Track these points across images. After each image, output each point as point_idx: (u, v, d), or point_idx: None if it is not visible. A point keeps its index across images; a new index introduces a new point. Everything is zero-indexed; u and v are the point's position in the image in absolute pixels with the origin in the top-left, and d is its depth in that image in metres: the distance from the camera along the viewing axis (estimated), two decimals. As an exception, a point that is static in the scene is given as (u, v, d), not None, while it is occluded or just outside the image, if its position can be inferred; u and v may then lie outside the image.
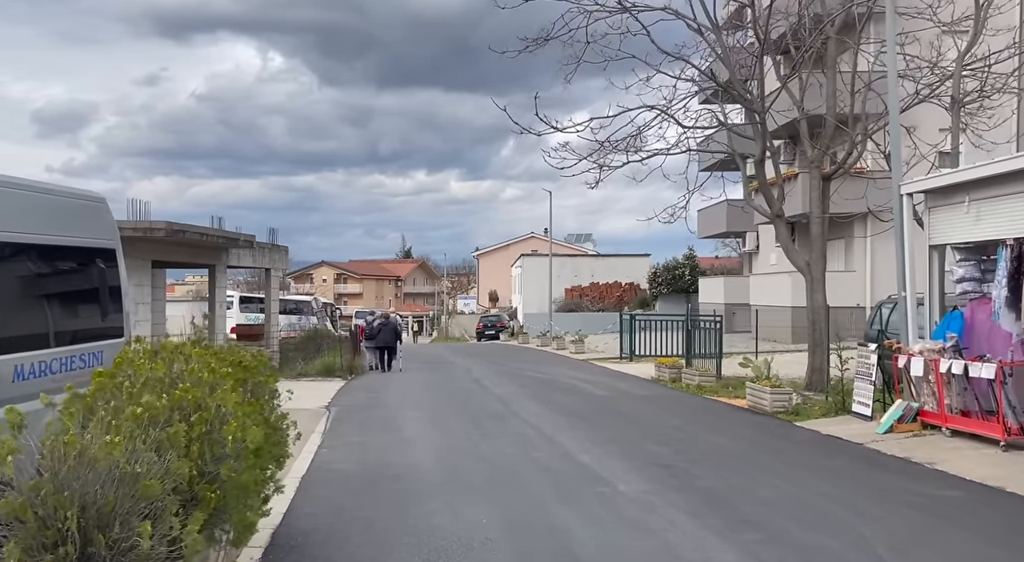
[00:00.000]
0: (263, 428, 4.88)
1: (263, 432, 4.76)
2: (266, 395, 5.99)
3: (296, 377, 19.80)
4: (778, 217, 14.62)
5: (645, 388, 16.63)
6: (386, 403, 14.76)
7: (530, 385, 17.54)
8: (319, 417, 12.64)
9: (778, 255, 32.60)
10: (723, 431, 10.92)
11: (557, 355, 28.48)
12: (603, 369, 21.77)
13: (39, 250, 6.09)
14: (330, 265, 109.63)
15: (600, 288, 50.31)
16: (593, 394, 15.69)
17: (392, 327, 24.56)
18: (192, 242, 26.35)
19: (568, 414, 12.79)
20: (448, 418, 12.53)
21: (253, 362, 5.60)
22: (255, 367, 5.53)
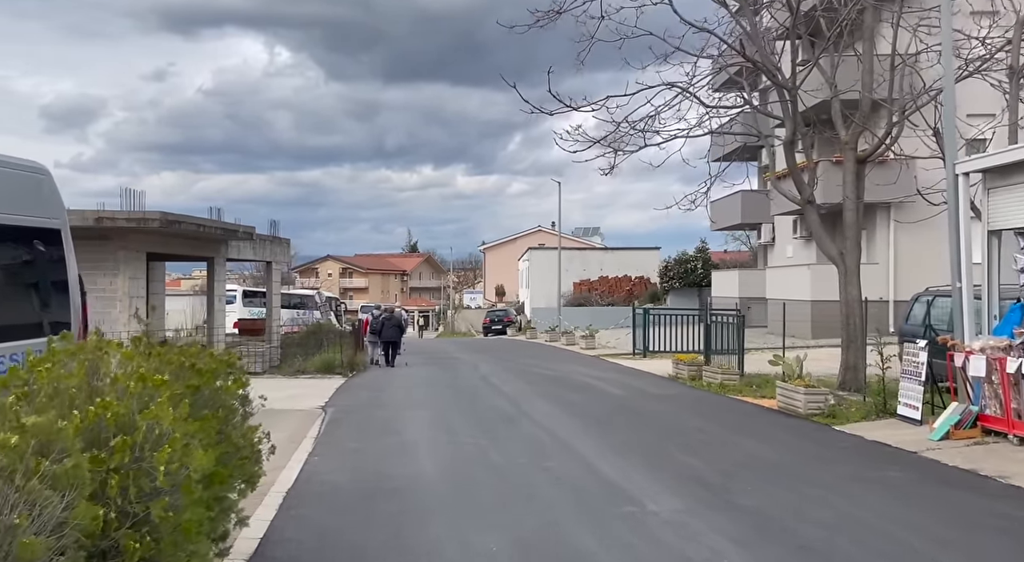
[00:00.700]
0: (218, 449, 3.90)
1: (217, 454, 3.78)
2: (234, 403, 5.01)
3: (295, 374, 18.89)
4: (809, 203, 13.58)
5: (663, 387, 15.63)
6: (387, 402, 13.80)
7: (540, 383, 16.55)
8: (314, 419, 11.68)
9: (795, 247, 31.51)
10: (756, 436, 9.90)
11: (567, 351, 27.48)
12: (616, 366, 20.77)
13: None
14: (335, 259, 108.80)
15: (609, 282, 49.22)
16: (608, 393, 14.69)
17: (396, 322, 23.79)
18: (189, 234, 25.43)
19: (582, 416, 11.80)
20: (454, 420, 11.55)
21: (211, 364, 4.61)
22: (212, 371, 4.53)
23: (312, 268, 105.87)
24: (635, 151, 15.49)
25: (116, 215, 21.69)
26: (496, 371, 19.54)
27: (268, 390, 14.40)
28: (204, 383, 4.27)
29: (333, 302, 57.43)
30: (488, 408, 12.82)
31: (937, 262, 26.07)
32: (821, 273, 26.84)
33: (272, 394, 13.83)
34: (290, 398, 14.16)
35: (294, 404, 13.39)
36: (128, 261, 22.49)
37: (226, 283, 65.77)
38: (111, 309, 22.27)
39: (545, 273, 49.43)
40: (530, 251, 53.55)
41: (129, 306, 22.26)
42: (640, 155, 15.14)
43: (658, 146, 15.24)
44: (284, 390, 15.63)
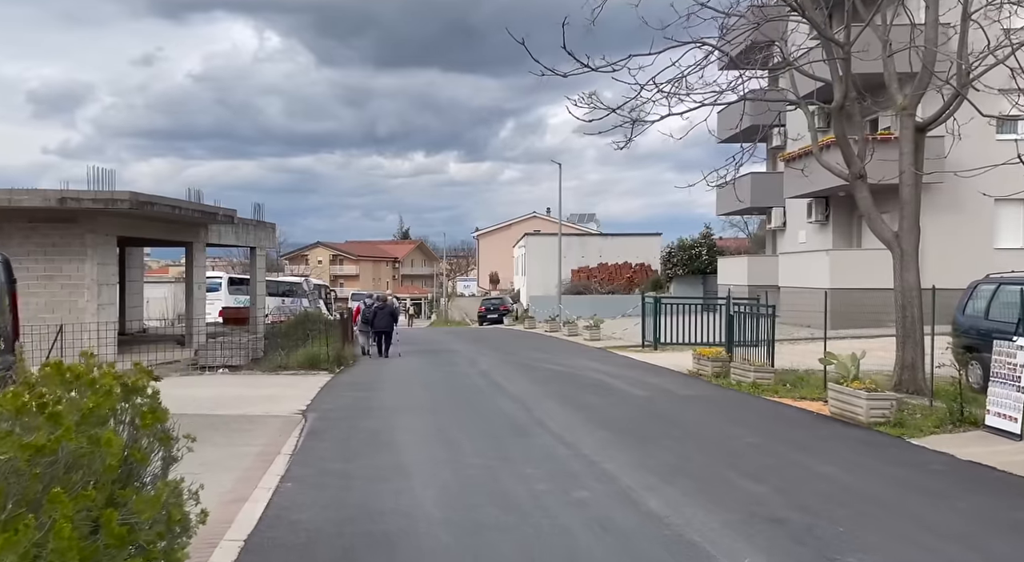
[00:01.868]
0: None
1: None
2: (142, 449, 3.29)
3: (276, 370, 17.16)
4: (859, 178, 11.87)
5: (687, 385, 13.96)
6: (378, 406, 12.07)
7: (549, 381, 14.87)
8: (291, 428, 9.95)
9: (809, 232, 29.86)
10: (822, 453, 8.24)
11: (570, 342, 25.79)
12: (627, 360, 19.09)
13: None
14: (326, 246, 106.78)
15: (609, 269, 47.51)
16: (628, 394, 13.01)
17: (389, 311, 22.37)
18: (163, 216, 23.56)
19: (606, 424, 10.11)
20: (456, 430, 9.84)
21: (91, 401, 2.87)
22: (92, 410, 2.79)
23: (302, 255, 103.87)
24: (656, 120, 13.79)
25: (82, 195, 19.80)
26: (497, 366, 17.84)
27: (244, 389, 12.55)
28: (62, 437, 2.53)
29: (323, 290, 55.64)
30: (494, 413, 11.11)
31: (966, 247, 24.54)
32: (841, 259, 25.24)
33: (248, 394, 12.01)
34: (267, 400, 12.43)
35: (271, 407, 11.66)
36: (97, 245, 20.64)
37: (211, 270, 63.80)
38: (77, 298, 20.45)
39: (542, 260, 47.69)
40: (526, 237, 51.78)
41: (98, 294, 20.48)
42: (653, 135, 13.42)
43: (681, 115, 13.53)
44: (262, 389, 13.90)
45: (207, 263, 74.39)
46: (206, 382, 15.25)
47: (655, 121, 13.77)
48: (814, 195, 27.82)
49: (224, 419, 10.53)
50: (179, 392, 13.43)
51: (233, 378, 16.04)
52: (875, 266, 24.84)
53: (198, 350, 20.90)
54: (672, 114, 13.60)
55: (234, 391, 13.54)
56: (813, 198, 28.10)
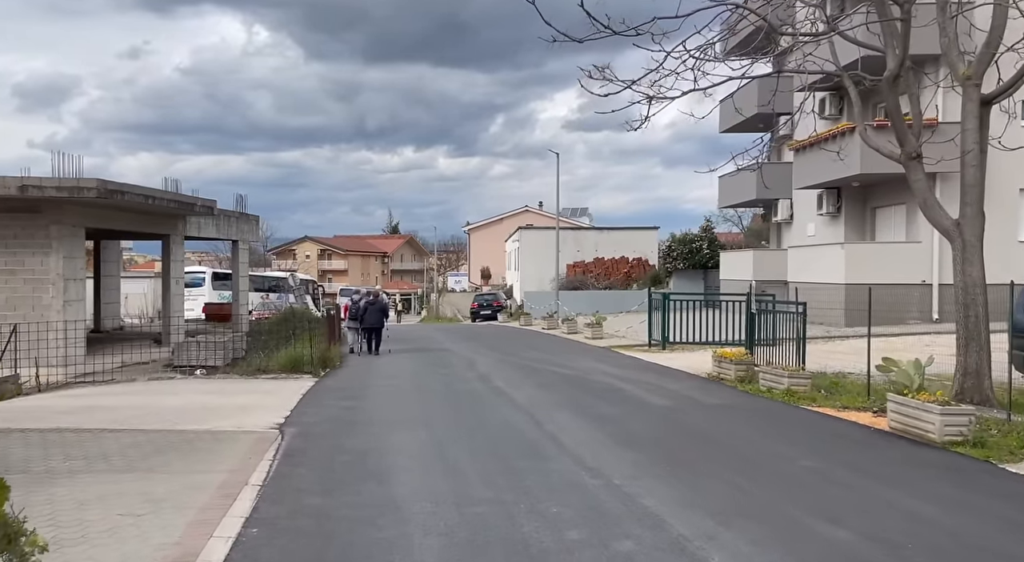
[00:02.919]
0: None
1: None
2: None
3: (254, 373, 15.67)
4: (914, 158, 10.46)
5: (711, 392, 12.56)
6: (366, 418, 10.61)
7: (556, 386, 13.45)
8: (264, 448, 8.47)
9: (818, 225, 28.54)
10: (903, 483, 6.84)
11: (571, 341, 24.38)
12: (636, 361, 17.69)
13: None
14: (313, 240, 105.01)
15: (605, 264, 46.14)
16: (647, 402, 11.60)
17: (380, 306, 21.35)
18: (136, 207, 21.96)
19: (632, 442, 8.70)
20: (458, 451, 8.40)
21: None
22: None
23: (289, 249, 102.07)
24: (677, 97, 12.37)
25: (44, 183, 18.16)
26: (497, 368, 16.41)
27: (216, 396, 10.98)
28: None
29: (310, 285, 54.08)
30: (500, 428, 9.68)
31: (988, 241, 23.21)
32: (856, 253, 23.93)
33: (220, 403, 10.46)
34: (241, 410, 10.95)
35: (243, 421, 10.18)
36: (62, 237, 19.01)
37: (194, 264, 61.83)
38: (42, 294, 18.83)
39: (537, 254, 46.28)
40: (520, 231, 50.28)
41: (64, 290, 18.91)
42: (668, 119, 11.99)
43: (704, 91, 12.13)
44: (236, 396, 12.41)
45: (191, 257, 72.65)
46: (175, 388, 13.75)
47: (676, 97, 12.38)
48: (825, 186, 26.52)
49: (187, 436, 9.05)
50: (142, 401, 11.93)
51: (206, 383, 14.53)
52: (891, 260, 23.57)
53: (174, 349, 19.43)
54: (696, 89, 12.20)
55: (204, 399, 12.05)
56: (824, 189, 26.80)
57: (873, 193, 25.87)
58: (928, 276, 23.03)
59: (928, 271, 23.01)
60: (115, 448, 8.37)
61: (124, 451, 8.25)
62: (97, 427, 9.52)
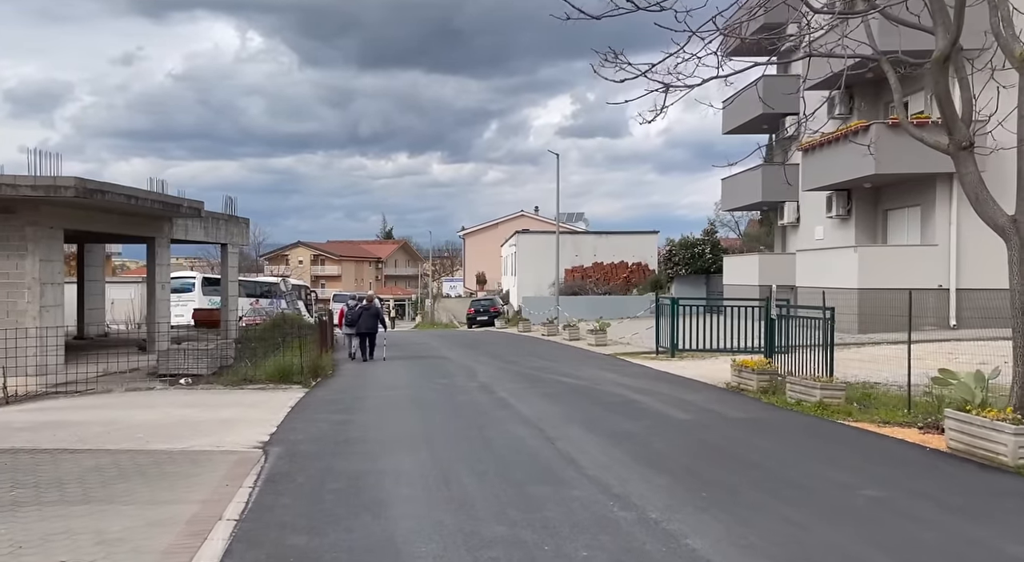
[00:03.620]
0: None
1: None
2: None
3: (240, 383, 14.64)
4: (965, 148, 9.51)
5: (734, 404, 11.59)
6: (360, 436, 9.59)
7: (564, 398, 12.47)
8: (245, 472, 7.46)
9: (827, 228, 27.65)
10: (992, 519, 5.86)
11: (574, 348, 23.40)
12: (646, 370, 16.72)
13: None
14: (307, 246, 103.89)
15: (604, 268, 45.17)
16: (668, 417, 10.62)
17: (374, 312, 20.98)
18: (118, 207, 20.92)
19: (660, 463, 7.72)
20: (464, 475, 7.39)
21: None
22: None
23: (282, 255, 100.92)
24: (697, 85, 11.43)
25: (19, 182, 17.11)
26: (499, 377, 15.42)
27: (197, 409, 9.79)
28: None
29: (303, 290, 53.03)
30: (509, 447, 8.68)
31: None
32: (870, 256, 23.02)
33: (200, 417, 9.28)
34: (223, 425, 9.92)
35: (224, 438, 9.16)
36: (39, 240, 17.93)
37: (185, 269, 60.37)
38: (17, 299, 17.74)
39: (535, 258, 45.34)
40: (517, 235, 49.30)
41: (41, 295, 17.85)
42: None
43: (726, 80, 11.20)
44: (219, 409, 11.38)
45: (183, 262, 71.02)
46: (153, 400, 12.71)
47: (696, 85, 11.44)
48: (835, 187, 25.63)
49: (157, 458, 8.03)
50: (114, 415, 10.89)
51: (187, 395, 13.49)
52: (906, 264, 22.66)
53: (159, 357, 18.41)
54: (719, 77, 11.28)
55: (183, 413, 11.02)
56: (834, 191, 25.91)
57: (885, 195, 25.01)
58: (944, 280, 22.13)
59: (944, 275, 22.11)
60: (73, 473, 7.35)
61: (83, 476, 7.23)
62: (58, 447, 8.49)
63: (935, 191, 22.28)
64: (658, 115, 11.37)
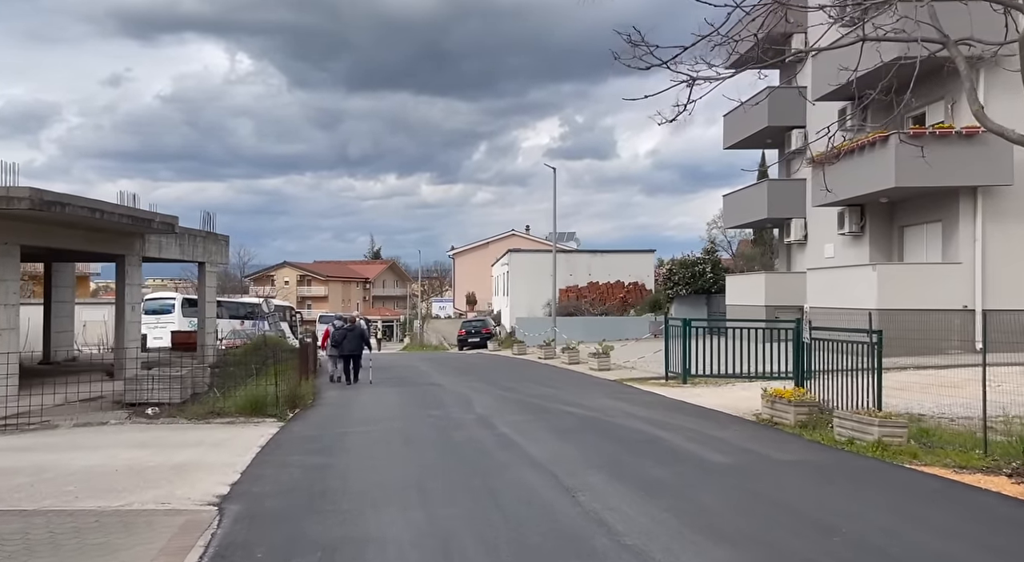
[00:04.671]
0: None
1: None
2: None
3: (207, 416, 12.96)
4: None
5: (776, 444, 10.04)
6: (340, 487, 7.97)
7: (577, 434, 10.89)
8: (187, 546, 5.81)
9: (838, 246, 26.27)
10: None
11: (574, 373, 21.83)
12: (658, 398, 15.17)
13: None
14: (293, 266, 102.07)
15: (600, 288, 43.71)
16: (703, 460, 9.04)
17: (358, 333, 20.17)
18: (81, 222, 19.25)
19: (720, 531, 6.15)
20: (469, 546, 5.80)
21: None
22: None
23: (267, 275, 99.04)
24: (729, 77, 10.06)
25: (-35, 193, 15.62)
26: (499, 408, 13.83)
27: (149, 450, 7.31)
28: None
29: (287, 312, 51.27)
30: (522, 503, 7.09)
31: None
32: (891, 275, 21.62)
33: (150, 461, 7.15)
34: (175, 472, 8.28)
35: (174, 490, 7.52)
36: (-10, 257, 16.45)
37: (168, 290, 58.20)
38: (-34, 321, 16.23)
39: (528, 278, 43.86)
40: (509, 253, 47.80)
41: (-6, 315, 16.23)
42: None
43: (759, 71, 9.87)
44: (175, 451, 9.72)
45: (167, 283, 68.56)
46: (103, 437, 11.03)
47: (727, 77, 10.05)
48: (848, 203, 24.30)
49: (82, 522, 6.39)
50: (48, 459, 9.18)
51: (143, 431, 11.81)
52: (928, 283, 21.28)
53: (126, 384, 16.75)
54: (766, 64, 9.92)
55: (132, 456, 9.37)
56: (847, 206, 24.59)
57: (902, 210, 23.70)
58: (970, 301, 20.75)
59: (970, 295, 20.74)
60: (-34, 547, 5.70)
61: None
62: (-39, 506, 6.83)
63: (958, 205, 20.97)
64: (682, 112, 9.96)
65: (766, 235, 53.33)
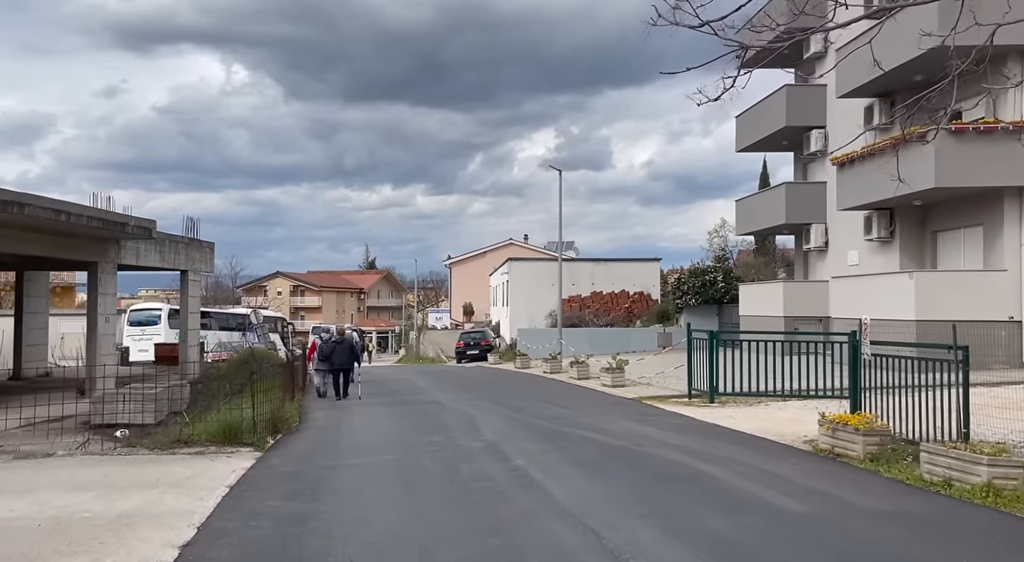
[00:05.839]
0: None
1: None
2: None
3: (172, 446, 11.19)
4: None
5: (854, 485, 8.32)
6: (321, 552, 6.22)
7: (607, 468, 9.14)
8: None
9: (864, 252, 24.59)
10: None
11: (585, 389, 20.09)
12: (687, 421, 13.45)
13: None
14: (286, 276, 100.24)
15: (604, 298, 41.98)
16: (772, 507, 7.31)
17: (348, 345, 18.93)
18: (45, 225, 17.48)
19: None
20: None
21: None
22: None
23: (260, 285, 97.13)
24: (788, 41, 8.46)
25: (-91, 191, 13.92)
26: (509, 433, 12.10)
27: (89, 496, 6.25)
28: None
29: (278, 323, 49.44)
30: (559, 577, 5.37)
31: None
32: (929, 284, 19.95)
33: (86, 512, 6.00)
34: (112, 529, 6.51)
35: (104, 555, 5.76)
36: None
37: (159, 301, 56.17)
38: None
39: (529, 287, 42.17)
40: (510, 262, 46.08)
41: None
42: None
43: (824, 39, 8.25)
44: (122, 495, 7.94)
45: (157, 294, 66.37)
46: (40, 475, 9.24)
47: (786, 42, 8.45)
48: (877, 206, 22.69)
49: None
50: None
51: (94, 466, 10.01)
52: (969, 292, 19.63)
53: (94, 404, 15.04)
54: (821, 29, 8.32)
55: (67, 503, 7.61)
56: (875, 210, 22.97)
57: (936, 214, 22.09)
58: (1016, 311, 19.12)
59: (1016, 305, 19.12)
60: None
61: None
62: None
63: (1003, 208, 19.35)
64: (729, 88, 8.30)
65: (768, 244, 51.67)
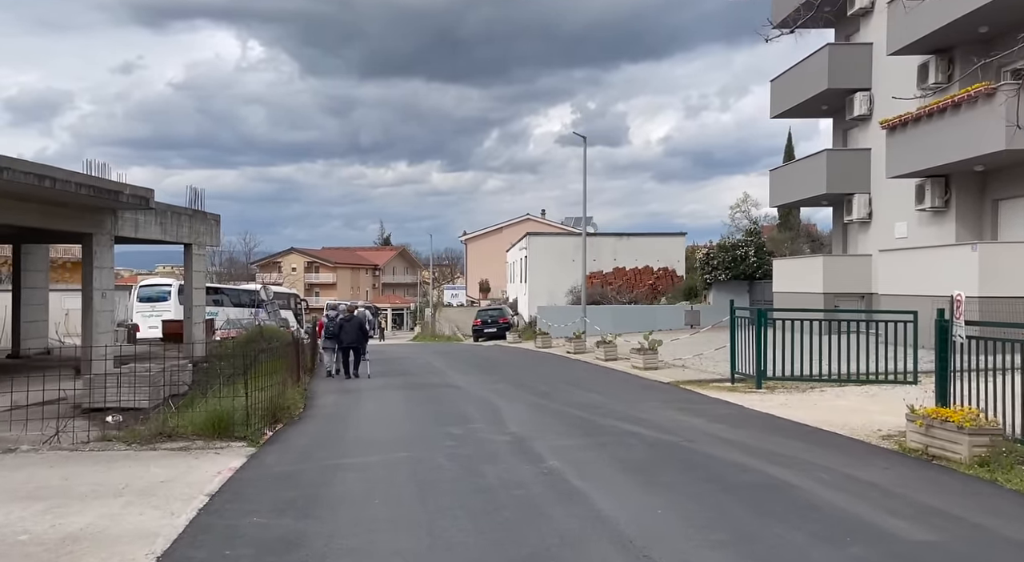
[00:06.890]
0: None
1: None
2: None
3: (152, 440, 9.78)
4: None
5: (970, 498, 6.78)
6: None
7: (658, 472, 7.64)
8: None
9: (913, 224, 22.74)
10: None
11: (615, 371, 18.58)
12: (735, 410, 11.92)
13: None
14: (300, 252, 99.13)
15: (627, 274, 40.37)
16: (883, 532, 5.78)
17: (358, 323, 18.36)
18: (31, 193, 15.99)
19: None
20: None
21: None
22: None
23: (274, 261, 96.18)
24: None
25: None
26: (536, 423, 10.63)
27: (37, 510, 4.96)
28: None
29: (291, 299, 48.35)
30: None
31: None
32: (995, 256, 18.21)
33: (28, 533, 4.70)
34: (57, 554, 5.08)
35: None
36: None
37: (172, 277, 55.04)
38: None
39: (548, 263, 40.60)
40: (528, 237, 44.46)
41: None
42: None
43: None
44: (76, 509, 6.49)
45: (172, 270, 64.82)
46: None
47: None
48: (930, 173, 20.90)
49: None
50: None
51: (56, 464, 8.62)
52: (1027, 267, 18.00)
53: (84, 386, 13.77)
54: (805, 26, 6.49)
55: (7, 516, 6.22)
56: (929, 177, 21.17)
57: (996, 180, 20.27)
58: (1100, 289, 17.33)
59: (1090, 280, 17.31)
60: None
61: None
62: None
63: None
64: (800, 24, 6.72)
65: (792, 219, 49.69)
